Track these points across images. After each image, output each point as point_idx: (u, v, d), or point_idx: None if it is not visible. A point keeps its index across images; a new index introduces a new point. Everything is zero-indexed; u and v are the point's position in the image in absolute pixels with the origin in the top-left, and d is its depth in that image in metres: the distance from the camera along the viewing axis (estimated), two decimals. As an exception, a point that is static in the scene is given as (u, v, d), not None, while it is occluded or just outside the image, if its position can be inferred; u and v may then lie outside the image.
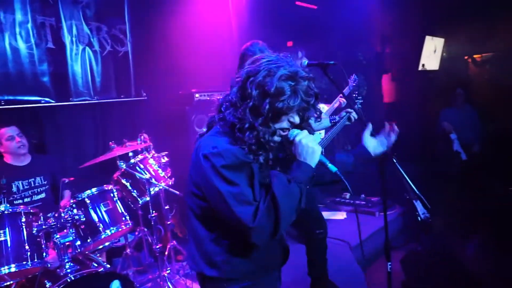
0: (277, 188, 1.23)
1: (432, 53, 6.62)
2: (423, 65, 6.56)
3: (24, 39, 3.15)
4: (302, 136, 1.32)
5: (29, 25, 3.17)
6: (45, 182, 2.96)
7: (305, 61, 2.43)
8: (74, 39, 3.47)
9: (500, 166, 4.35)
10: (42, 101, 3.28)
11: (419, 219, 4.17)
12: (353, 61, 5.92)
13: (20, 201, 2.83)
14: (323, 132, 3.82)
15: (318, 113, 1.38)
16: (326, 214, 4.58)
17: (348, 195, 4.93)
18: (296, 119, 1.31)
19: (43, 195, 2.94)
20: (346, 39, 5.72)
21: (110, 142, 2.87)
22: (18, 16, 3.11)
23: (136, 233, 3.31)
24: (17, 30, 3.12)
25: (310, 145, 1.31)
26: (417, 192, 2.18)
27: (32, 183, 2.92)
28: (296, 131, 1.34)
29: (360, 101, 3.02)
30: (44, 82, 3.29)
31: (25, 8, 3.14)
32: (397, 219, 4.48)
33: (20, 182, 2.86)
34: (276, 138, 1.32)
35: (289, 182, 1.26)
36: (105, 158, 2.73)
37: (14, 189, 2.83)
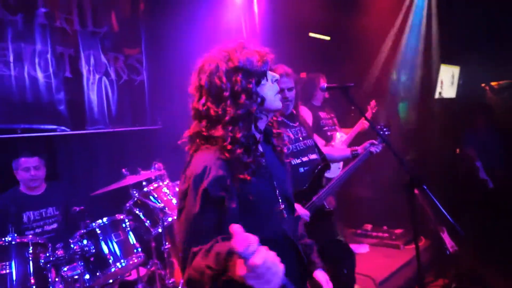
0: None
1: (448, 81, 6.54)
2: (439, 93, 6.47)
3: (43, 68, 3.18)
4: (262, 255, 0.86)
5: (49, 56, 3.22)
6: (57, 213, 2.89)
7: (324, 85, 2.36)
8: (91, 68, 3.50)
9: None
10: (58, 130, 3.26)
11: (448, 252, 3.91)
12: (369, 89, 5.85)
13: (32, 231, 2.75)
14: (341, 163, 3.66)
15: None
16: (346, 247, 4.35)
17: (369, 227, 4.70)
18: (276, 75, 1.27)
19: (54, 226, 2.85)
20: (361, 67, 5.70)
21: (123, 169, 2.79)
22: (38, 47, 3.16)
23: (148, 266, 3.15)
24: (36, 60, 3.16)
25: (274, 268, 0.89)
26: (450, 219, 2.03)
27: (43, 213, 2.84)
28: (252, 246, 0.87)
29: (387, 133, 2.77)
30: (60, 110, 3.29)
31: (45, 39, 3.19)
32: (423, 253, 4.21)
33: (31, 212, 2.79)
34: (279, 104, 1.26)
35: None
36: (117, 186, 2.65)
37: (25, 219, 2.75)
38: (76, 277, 2.08)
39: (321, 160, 2.52)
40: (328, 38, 5.93)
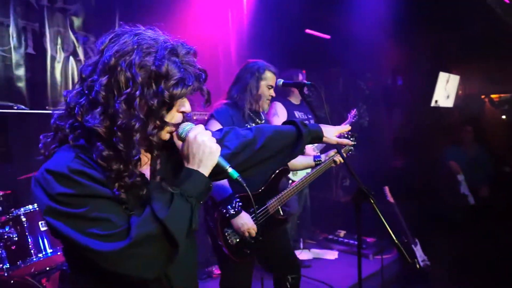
0: (157, 205, 0.94)
1: (446, 90, 6.33)
2: (436, 101, 6.26)
3: (1, 42, 3.04)
4: (197, 131, 1.03)
5: (10, 29, 3.08)
6: None
7: (281, 81, 2.19)
8: (58, 46, 3.35)
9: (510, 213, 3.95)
10: (15, 107, 3.13)
11: (418, 266, 3.76)
12: (359, 91, 5.67)
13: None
14: (309, 170, 3.49)
15: (206, 95, 1.10)
16: (316, 252, 4.22)
17: (342, 233, 4.55)
18: (188, 107, 1.03)
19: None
20: (356, 69, 5.52)
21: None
22: (-2, 18, 3.02)
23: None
24: (-5, 32, 3.02)
25: (208, 144, 1.02)
26: (396, 241, 1.86)
27: None
28: (189, 125, 1.04)
29: (354, 143, 2.47)
30: (19, 88, 3.15)
31: (7, 11, 3.05)
32: (394, 265, 4.05)
33: None
34: (165, 137, 1.02)
35: (171, 199, 0.95)
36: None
37: None
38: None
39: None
40: (328, 36, 5.71)
